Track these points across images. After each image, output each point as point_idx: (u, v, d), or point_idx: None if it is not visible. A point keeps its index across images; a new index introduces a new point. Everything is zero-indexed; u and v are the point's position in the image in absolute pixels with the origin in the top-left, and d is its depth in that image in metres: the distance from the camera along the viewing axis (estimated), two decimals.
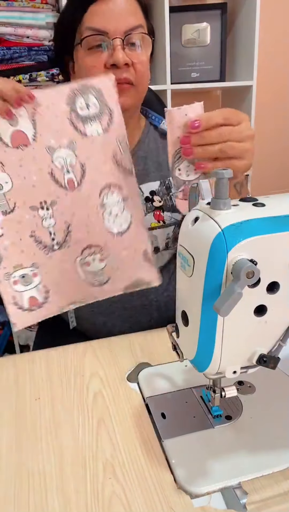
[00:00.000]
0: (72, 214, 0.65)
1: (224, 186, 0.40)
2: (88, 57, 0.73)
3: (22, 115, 0.61)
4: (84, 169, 0.64)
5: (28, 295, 0.67)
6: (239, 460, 0.48)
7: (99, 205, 0.66)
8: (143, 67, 0.75)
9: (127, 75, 0.73)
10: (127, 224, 0.68)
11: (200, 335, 0.43)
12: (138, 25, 0.73)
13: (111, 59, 0.71)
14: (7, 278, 0.65)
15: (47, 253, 0.66)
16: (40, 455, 0.50)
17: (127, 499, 0.44)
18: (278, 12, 1.93)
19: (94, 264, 0.68)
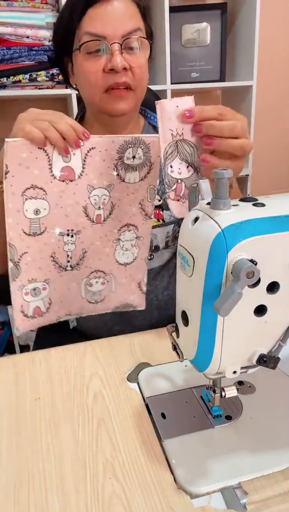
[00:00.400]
0: (91, 244, 0.73)
1: (224, 186, 0.40)
2: (86, 62, 0.73)
3: (76, 154, 0.66)
4: (113, 208, 0.72)
5: (34, 305, 0.74)
6: (239, 460, 0.48)
7: (115, 239, 0.74)
8: (141, 70, 0.75)
9: (126, 79, 0.73)
10: (133, 258, 0.77)
11: (200, 335, 0.43)
12: (136, 29, 0.73)
13: (109, 64, 0.71)
14: (20, 289, 0.71)
15: (59, 272, 0.73)
16: (40, 455, 0.50)
17: (127, 499, 0.44)
18: (278, 12, 1.93)
19: (96, 286, 0.77)
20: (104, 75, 0.73)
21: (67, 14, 0.75)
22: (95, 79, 0.73)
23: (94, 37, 0.71)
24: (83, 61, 0.74)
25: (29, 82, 1.49)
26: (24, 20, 1.44)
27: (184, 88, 1.69)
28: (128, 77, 0.74)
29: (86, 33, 0.72)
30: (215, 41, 1.72)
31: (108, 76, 0.73)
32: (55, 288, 0.74)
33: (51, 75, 1.50)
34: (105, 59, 0.72)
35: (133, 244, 0.76)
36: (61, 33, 0.77)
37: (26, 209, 0.67)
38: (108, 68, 0.72)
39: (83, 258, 0.74)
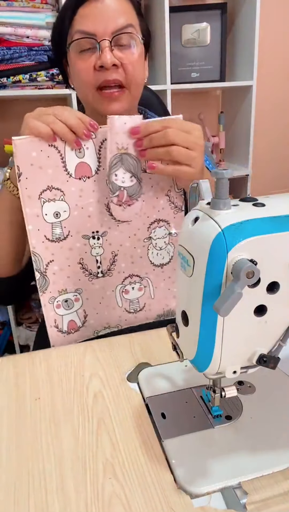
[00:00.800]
0: (120, 245, 0.68)
1: (224, 186, 0.40)
2: (78, 60, 0.73)
3: (90, 148, 0.63)
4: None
5: (68, 318, 0.70)
6: (239, 460, 0.47)
7: (146, 238, 0.69)
8: (134, 67, 0.74)
9: (117, 76, 0.72)
10: (169, 258, 0.71)
11: (200, 335, 0.43)
12: (127, 25, 0.72)
13: (99, 61, 0.71)
14: (51, 302, 0.67)
15: (90, 280, 0.69)
16: (40, 455, 0.50)
17: (127, 499, 0.44)
18: (278, 12, 1.93)
19: (133, 292, 0.71)
20: (95, 73, 0.72)
21: (61, 15, 0.75)
22: (86, 77, 0.73)
23: (84, 35, 0.71)
24: (75, 59, 0.74)
25: (29, 82, 1.49)
26: (24, 20, 1.44)
27: (184, 88, 1.69)
28: (120, 75, 0.73)
29: (77, 31, 0.72)
30: (215, 41, 1.72)
31: (98, 74, 0.72)
32: (88, 298, 0.70)
33: (51, 75, 1.50)
34: (95, 57, 0.72)
35: (167, 241, 0.70)
36: (57, 34, 0.77)
37: (46, 213, 0.63)
38: (98, 65, 0.71)
39: (114, 262, 0.69)
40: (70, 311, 0.70)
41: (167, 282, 0.72)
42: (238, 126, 1.87)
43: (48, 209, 0.63)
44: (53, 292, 0.67)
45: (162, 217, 0.69)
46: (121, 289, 0.71)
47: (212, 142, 1.86)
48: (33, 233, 0.64)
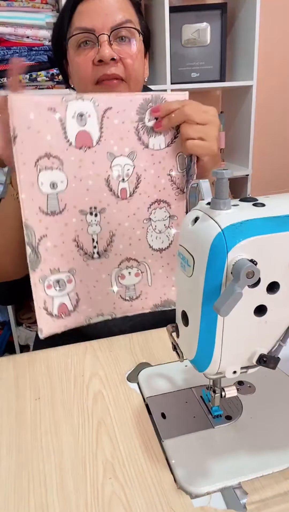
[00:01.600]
0: (118, 224, 0.64)
1: (224, 186, 0.40)
2: (77, 56, 0.74)
3: (92, 116, 0.59)
4: (139, 180, 0.64)
5: (59, 301, 0.65)
6: (239, 460, 0.48)
7: (146, 219, 0.66)
8: (133, 61, 0.74)
9: (115, 70, 0.72)
10: (168, 242, 0.68)
11: (200, 335, 0.43)
12: (126, 20, 0.72)
13: (97, 55, 0.71)
14: (41, 281, 0.62)
15: (85, 260, 0.65)
16: (40, 455, 0.50)
17: (127, 499, 0.44)
18: (278, 12, 1.93)
19: (129, 278, 0.68)
20: (93, 67, 0.72)
21: (61, 15, 0.76)
22: (85, 72, 0.73)
23: (83, 30, 0.71)
24: (74, 56, 0.74)
25: (29, 82, 1.49)
26: (24, 20, 1.44)
27: (184, 88, 1.68)
28: (119, 69, 0.73)
29: (76, 28, 0.72)
30: (215, 41, 1.72)
31: (97, 68, 0.72)
32: (81, 280, 0.65)
33: (51, 75, 1.50)
34: (93, 52, 0.72)
35: (167, 224, 0.67)
36: (57, 34, 0.78)
37: (41, 182, 0.59)
38: (96, 59, 0.71)
39: (111, 242, 0.65)
40: (61, 293, 0.65)
41: (166, 269, 0.68)
42: (238, 126, 1.87)
43: (44, 178, 0.59)
44: (44, 271, 0.62)
45: (163, 198, 0.66)
46: (117, 274, 0.67)
47: None
48: (26, 203, 0.58)
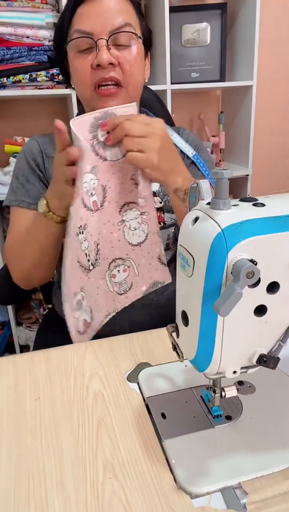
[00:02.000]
0: (98, 233, 0.71)
1: (224, 186, 0.40)
2: (76, 60, 0.74)
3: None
4: (105, 191, 0.70)
5: (82, 318, 0.73)
6: (239, 460, 0.48)
7: (120, 222, 0.72)
8: (131, 66, 0.74)
9: (114, 74, 0.73)
10: (144, 235, 0.75)
11: (200, 335, 0.43)
12: (125, 24, 0.72)
13: (96, 59, 0.71)
14: (72, 308, 0.70)
15: (87, 274, 0.71)
16: (40, 455, 0.50)
17: (127, 499, 0.44)
18: (278, 12, 1.93)
19: (119, 275, 0.75)
20: (92, 72, 0.73)
21: (61, 16, 0.76)
22: (83, 76, 0.73)
23: (82, 34, 0.72)
24: (74, 59, 0.74)
25: (29, 82, 1.49)
26: (24, 20, 1.44)
27: (184, 88, 1.69)
28: (117, 73, 0.73)
29: (76, 31, 0.72)
30: (215, 41, 1.72)
31: (95, 72, 0.73)
32: (88, 293, 0.72)
33: (51, 75, 1.50)
34: (92, 56, 0.72)
35: (140, 221, 0.74)
36: (58, 34, 0.78)
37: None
38: (95, 64, 0.71)
39: (98, 251, 0.72)
40: (81, 312, 0.73)
41: (147, 257, 0.76)
42: (238, 126, 1.87)
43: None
44: (71, 298, 0.70)
45: (131, 200, 0.72)
46: (109, 275, 0.74)
47: (212, 142, 1.86)
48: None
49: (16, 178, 0.86)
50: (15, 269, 0.84)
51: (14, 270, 0.85)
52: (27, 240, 0.79)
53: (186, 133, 0.94)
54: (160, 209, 0.86)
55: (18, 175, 0.86)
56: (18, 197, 0.85)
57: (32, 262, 0.80)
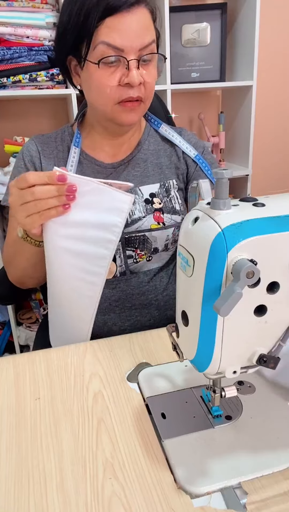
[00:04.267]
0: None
1: (224, 186, 0.40)
2: (101, 72, 0.72)
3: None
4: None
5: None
6: (239, 460, 0.48)
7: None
8: (153, 84, 0.77)
9: (139, 92, 0.74)
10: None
11: (200, 335, 0.43)
12: (152, 41, 0.73)
13: (126, 78, 0.72)
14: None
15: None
16: (40, 455, 0.50)
17: (127, 499, 0.44)
18: (278, 12, 1.93)
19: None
20: (118, 88, 0.73)
21: (82, 18, 0.71)
22: (109, 91, 0.73)
23: (112, 49, 0.70)
24: (96, 70, 0.72)
25: (29, 82, 1.48)
26: (24, 20, 1.44)
27: (184, 88, 1.69)
28: (141, 91, 0.75)
29: (103, 42, 0.70)
30: (215, 41, 1.72)
31: (122, 90, 0.73)
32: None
33: (51, 75, 1.49)
34: (120, 73, 0.72)
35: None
36: (71, 33, 0.73)
37: None
38: (124, 82, 0.72)
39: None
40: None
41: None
42: (238, 126, 1.87)
43: None
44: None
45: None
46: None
47: (212, 142, 1.86)
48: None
49: (14, 179, 0.86)
50: (9, 274, 0.87)
51: (9, 274, 0.87)
52: (13, 257, 0.81)
53: (187, 134, 0.94)
54: (159, 210, 0.86)
55: (15, 176, 0.86)
56: None
57: (22, 273, 0.83)
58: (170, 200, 0.87)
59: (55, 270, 0.73)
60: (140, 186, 0.86)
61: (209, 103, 2.02)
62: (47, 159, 0.85)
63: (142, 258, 0.86)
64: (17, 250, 0.79)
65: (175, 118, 1.19)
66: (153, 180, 0.87)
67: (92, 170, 0.86)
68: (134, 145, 0.89)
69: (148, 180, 0.87)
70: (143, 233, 0.84)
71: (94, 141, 0.87)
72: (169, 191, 0.88)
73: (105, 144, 0.86)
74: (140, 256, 0.86)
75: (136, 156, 0.88)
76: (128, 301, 0.87)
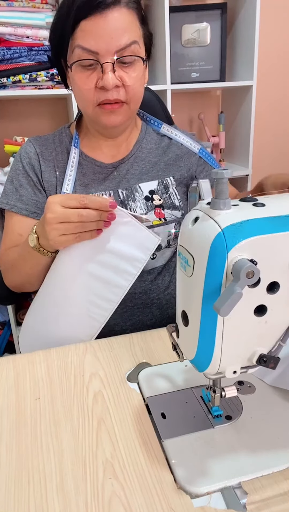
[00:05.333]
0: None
1: (224, 186, 0.40)
2: (79, 75, 0.73)
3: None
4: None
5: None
6: (239, 460, 0.48)
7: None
8: (135, 85, 0.74)
9: (118, 96, 0.73)
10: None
11: (200, 335, 0.43)
12: (130, 43, 0.71)
13: (100, 81, 0.71)
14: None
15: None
16: (40, 455, 0.50)
17: (127, 499, 0.44)
18: (278, 12, 1.93)
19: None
20: (96, 91, 0.73)
21: (62, 20, 0.73)
22: (87, 95, 0.74)
23: (86, 52, 0.70)
24: (76, 73, 0.73)
25: (29, 82, 1.48)
26: (24, 20, 1.44)
27: (184, 88, 1.69)
28: (120, 94, 0.73)
29: (79, 46, 0.70)
30: (215, 41, 1.72)
31: (100, 93, 0.73)
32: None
33: (51, 75, 1.50)
34: (97, 76, 0.72)
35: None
36: (57, 36, 0.75)
37: None
38: (99, 85, 0.72)
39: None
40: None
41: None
42: (238, 126, 1.87)
43: None
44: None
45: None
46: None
47: (212, 142, 1.86)
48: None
49: (11, 182, 0.86)
50: (6, 280, 0.87)
51: (5, 280, 0.87)
52: (17, 262, 0.80)
53: (186, 134, 0.96)
54: (159, 206, 0.87)
55: (12, 179, 0.86)
56: (10, 201, 0.85)
57: (23, 280, 0.83)
58: (169, 196, 0.88)
59: (67, 285, 0.74)
60: (140, 183, 0.86)
61: (209, 103, 2.02)
62: (46, 161, 0.85)
63: None
64: (24, 257, 0.77)
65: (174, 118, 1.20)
66: (151, 177, 0.88)
67: (92, 171, 0.86)
68: (132, 144, 0.89)
69: (146, 177, 0.87)
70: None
71: (92, 142, 0.87)
72: (168, 188, 0.88)
73: (104, 145, 0.87)
74: None
75: (135, 154, 0.88)
76: (130, 301, 0.87)
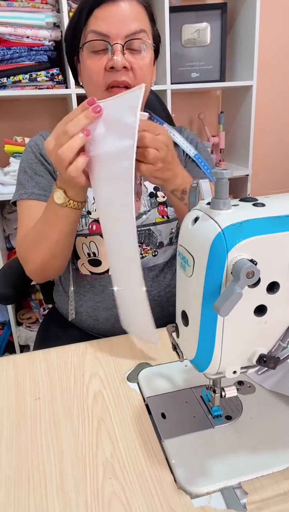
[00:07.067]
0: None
1: (224, 186, 0.40)
2: (90, 60, 0.75)
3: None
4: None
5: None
6: (239, 460, 0.48)
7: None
8: (143, 71, 0.76)
9: (126, 78, 0.74)
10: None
11: (200, 335, 0.43)
12: (140, 30, 0.74)
13: (110, 62, 0.73)
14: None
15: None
16: (40, 455, 0.50)
17: (127, 499, 0.44)
18: (278, 11, 1.93)
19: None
20: (105, 73, 0.74)
21: (77, 14, 0.77)
22: (96, 77, 0.75)
23: (98, 35, 0.73)
24: (87, 59, 0.75)
25: (29, 82, 1.49)
26: (24, 20, 1.44)
27: (184, 88, 1.69)
28: (129, 77, 0.75)
29: (91, 31, 0.74)
30: (215, 41, 1.72)
31: (108, 74, 0.74)
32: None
33: (51, 75, 1.50)
34: (107, 58, 0.74)
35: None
36: (71, 32, 0.79)
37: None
38: (108, 66, 0.73)
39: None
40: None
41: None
42: (238, 126, 1.87)
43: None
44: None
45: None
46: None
47: (212, 142, 1.86)
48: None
49: (24, 172, 0.87)
50: (30, 262, 0.82)
51: (30, 262, 0.82)
52: (43, 232, 0.77)
53: (186, 132, 0.97)
54: (163, 203, 0.87)
55: (25, 169, 0.87)
56: (27, 189, 0.85)
57: (49, 253, 0.78)
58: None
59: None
60: (145, 180, 0.86)
61: (209, 103, 2.02)
62: None
63: (148, 253, 0.87)
64: (49, 223, 0.75)
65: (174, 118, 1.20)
66: None
67: None
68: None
69: None
70: (148, 227, 0.86)
71: None
72: None
73: None
74: (146, 251, 0.87)
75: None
76: None
